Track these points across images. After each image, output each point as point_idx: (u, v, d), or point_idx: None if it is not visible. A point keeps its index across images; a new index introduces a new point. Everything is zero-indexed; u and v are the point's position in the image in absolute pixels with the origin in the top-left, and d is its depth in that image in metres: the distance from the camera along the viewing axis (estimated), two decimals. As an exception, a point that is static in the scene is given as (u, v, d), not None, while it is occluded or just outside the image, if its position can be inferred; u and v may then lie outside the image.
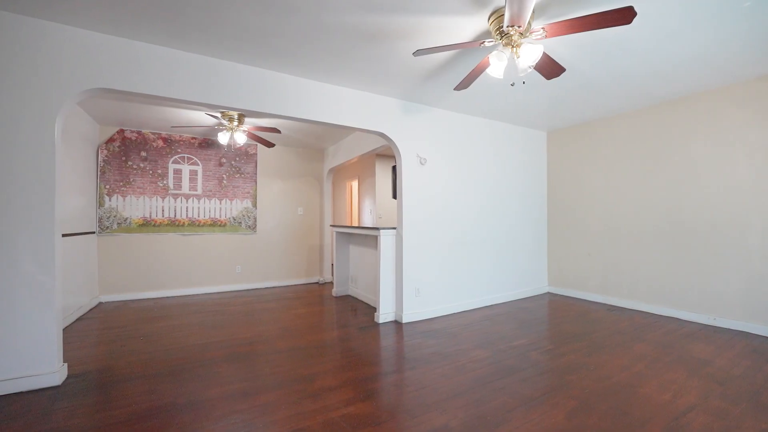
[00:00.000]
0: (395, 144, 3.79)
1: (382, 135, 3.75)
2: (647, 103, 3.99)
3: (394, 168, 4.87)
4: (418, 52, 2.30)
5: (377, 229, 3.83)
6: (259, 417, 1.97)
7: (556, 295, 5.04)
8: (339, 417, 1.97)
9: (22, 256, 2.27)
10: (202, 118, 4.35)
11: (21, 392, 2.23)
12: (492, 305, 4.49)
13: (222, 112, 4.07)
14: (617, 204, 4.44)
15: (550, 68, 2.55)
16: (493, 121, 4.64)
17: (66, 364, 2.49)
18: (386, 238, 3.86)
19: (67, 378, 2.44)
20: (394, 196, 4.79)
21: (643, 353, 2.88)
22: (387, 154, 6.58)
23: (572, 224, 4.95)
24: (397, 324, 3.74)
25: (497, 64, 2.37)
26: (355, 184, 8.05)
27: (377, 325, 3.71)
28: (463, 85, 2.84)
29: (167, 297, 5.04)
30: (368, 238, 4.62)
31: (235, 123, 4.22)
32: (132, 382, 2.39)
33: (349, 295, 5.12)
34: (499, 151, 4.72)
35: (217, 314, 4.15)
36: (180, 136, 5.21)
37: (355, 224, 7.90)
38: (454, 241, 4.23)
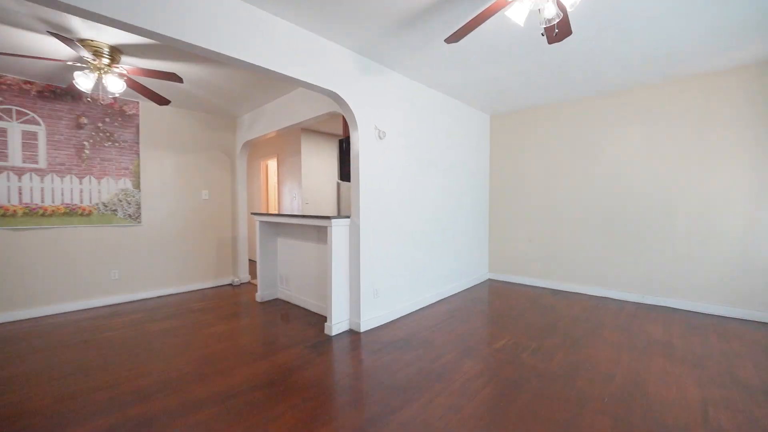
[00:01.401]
0: (351, 110, 3.00)
1: (335, 97, 2.92)
2: (586, 94, 4.06)
3: (341, 142, 4.04)
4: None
5: (328, 218, 3.02)
6: None
7: (496, 281, 5.00)
8: None
9: None
10: (44, 43, 2.79)
11: None
12: (446, 298, 4.15)
13: (82, 40, 2.64)
14: (556, 190, 4.52)
15: (565, 27, 2.14)
16: (448, 98, 4.20)
17: None
18: (338, 229, 3.09)
19: None
20: (342, 178, 3.98)
21: (616, 341, 2.84)
22: (314, 129, 5.64)
23: (514, 210, 4.93)
24: (354, 334, 3.05)
25: (520, 6, 1.84)
26: (272, 163, 6.83)
27: (330, 338, 2.95)
28: (458, 35, 2.24)
29: (-13, 324, 3.29)
30: (306, 228, 3.75)
31: (106, 60, 2.82)
32: None
33: (279, 299, 4.18)
34: (452, 130, 4.32)
35: (84, 346, 2.79)
36: (2, 77, 3.37)
37: (273, 212, 6.78)
38: (413, 230, 3.70)
